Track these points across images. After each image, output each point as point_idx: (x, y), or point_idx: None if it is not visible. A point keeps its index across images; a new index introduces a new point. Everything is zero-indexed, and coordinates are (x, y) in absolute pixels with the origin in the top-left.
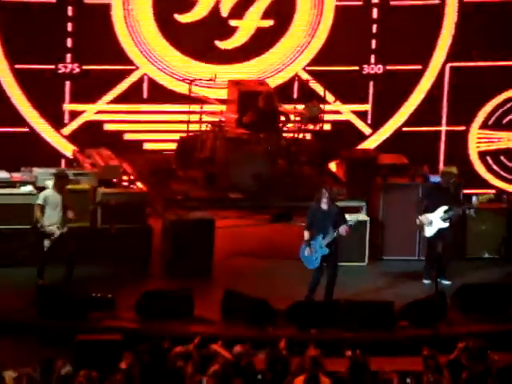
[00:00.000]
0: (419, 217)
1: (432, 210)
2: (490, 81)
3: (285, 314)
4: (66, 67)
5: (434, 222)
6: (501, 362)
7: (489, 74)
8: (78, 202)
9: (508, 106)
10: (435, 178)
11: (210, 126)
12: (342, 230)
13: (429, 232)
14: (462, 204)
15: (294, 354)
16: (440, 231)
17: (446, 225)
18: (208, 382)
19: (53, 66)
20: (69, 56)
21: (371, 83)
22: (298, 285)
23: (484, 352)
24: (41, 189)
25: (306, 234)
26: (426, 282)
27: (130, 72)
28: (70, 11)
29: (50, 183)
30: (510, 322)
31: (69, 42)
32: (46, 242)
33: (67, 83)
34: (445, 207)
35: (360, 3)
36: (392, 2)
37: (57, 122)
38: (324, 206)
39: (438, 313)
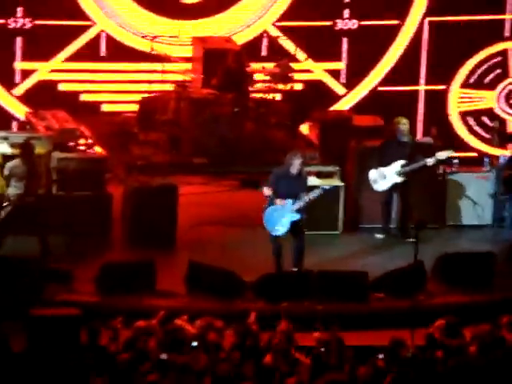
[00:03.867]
0: (371, 170)
1: (388, 163)
2: (471, 36)
3: (254, 286)
4: (16, 22)
5: (388, 176)
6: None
7: (470, 30)
8: None
9: (490, 63)
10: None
11: (173, 85)
12: (314, 193)
13: (382, 186)
14: (422, 159)
15: (265, 328)
16: (395, 186)
17: (401, 179)
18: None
19: (2, 21)
20: (20, 10)
21: (345, 40)
22: (267, 255)
23: (458, 329)
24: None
25: (267, 190)
26: (378, 236)
27: (86, 28)
28: None
29: (2, 146)
30: (492, 292)
31: None
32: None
33: (18, 39)
34: (402, 161)
35: None
36: None
37: (7, 82)
38: (294, 170)
39: (417, 283)
